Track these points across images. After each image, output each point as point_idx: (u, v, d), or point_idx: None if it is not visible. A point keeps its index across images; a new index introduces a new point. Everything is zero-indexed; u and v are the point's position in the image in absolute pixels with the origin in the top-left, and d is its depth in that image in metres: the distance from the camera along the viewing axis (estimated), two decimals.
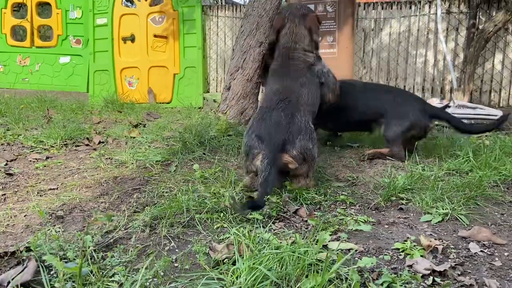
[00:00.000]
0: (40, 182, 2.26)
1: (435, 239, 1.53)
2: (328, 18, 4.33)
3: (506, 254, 1.45)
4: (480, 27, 5.01)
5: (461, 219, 1.73)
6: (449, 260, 1.40)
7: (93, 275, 1.25)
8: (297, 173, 2.05)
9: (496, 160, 2.46)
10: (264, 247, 1.37)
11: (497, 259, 1.41)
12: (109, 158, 2.67)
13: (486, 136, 3.68)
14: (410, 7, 5.42)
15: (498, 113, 4.18)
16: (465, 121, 4.36)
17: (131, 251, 1.44)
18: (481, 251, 1.46)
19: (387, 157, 2.71)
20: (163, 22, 5.63)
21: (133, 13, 5.77)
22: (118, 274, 1.28)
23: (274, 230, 1.63)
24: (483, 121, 4.33)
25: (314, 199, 1.95)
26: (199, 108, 5.20)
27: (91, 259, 1.37)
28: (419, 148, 2.85)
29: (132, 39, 5.76)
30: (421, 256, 1.40)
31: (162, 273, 1.30)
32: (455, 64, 5.26)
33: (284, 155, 1.98)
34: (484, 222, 1.72)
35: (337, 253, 1.33)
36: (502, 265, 1.36)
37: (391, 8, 5.49)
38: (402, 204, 1.91)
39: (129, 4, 6.55)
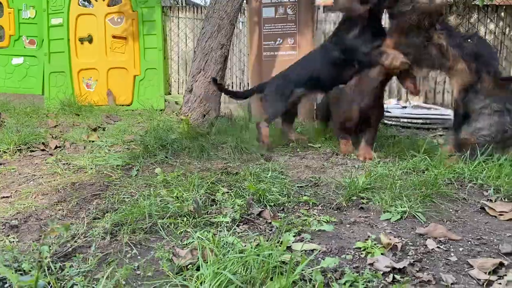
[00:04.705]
0: None
1: (394, 237, 1.57)
2: (289, 21, 4.37)
3: (461, 249, 1.51)
4: None
5: (418, 216, 1.79)
6: (408, 257, 1.44)
7: (51, 287, 1.20)
8: None
9: (449, 158, 2.57)
10: (229, 251, 1.36)
11: (452, 254, 1.47)
12: (67, 163, 2.58)
13: (440, 135, 3.85)
14: None
15: (451, 112, 4.37)
16: (420, 120, 4.56)
17: (91, 260, 1.40)
18: (438, 247, 1.52)
19: None
20: (122, 22, 5.51)
21: (90, 13, 5.59)
22: (77, 284, 1.24)
23: (238, 233, 1.63)
24: (437, 120, 4.54)
25: (278, 200, 1.96)
26: (161, 110, 5.12)
27: (48, 270, 1.31)
28: (377, 147, 2.94)
29: (90, 39, 5.59)
30: (382, 254, 1.44)
31: (124, 282, 1.27)
32: None
33: None
34: (440, 219, 1.79)
35: (301, 255, 1.35)
36: (458, 260, 1.42)
37: None
38: (363, 203, 1.96)
39: (86, 3, 6.36)
